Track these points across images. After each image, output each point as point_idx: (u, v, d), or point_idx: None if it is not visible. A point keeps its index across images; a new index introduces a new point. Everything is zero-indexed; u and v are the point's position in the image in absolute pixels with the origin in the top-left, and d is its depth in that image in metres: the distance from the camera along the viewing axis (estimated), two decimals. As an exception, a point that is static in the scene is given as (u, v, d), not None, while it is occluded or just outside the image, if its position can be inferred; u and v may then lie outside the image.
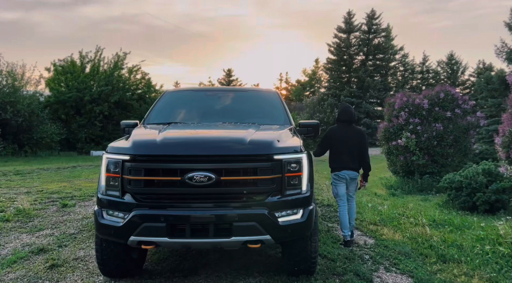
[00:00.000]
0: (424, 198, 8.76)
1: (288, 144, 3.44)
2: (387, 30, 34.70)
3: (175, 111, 4.63)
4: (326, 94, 34.42)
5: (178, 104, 4.80)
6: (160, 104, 4.72)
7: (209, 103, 4.79)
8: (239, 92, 5.03)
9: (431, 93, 10.24)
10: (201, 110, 4.67)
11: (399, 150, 10.13)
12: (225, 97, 4.88)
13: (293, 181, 3.34)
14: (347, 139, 4.99)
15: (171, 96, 4.96)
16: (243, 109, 4.72)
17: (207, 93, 4.96)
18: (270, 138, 3.43)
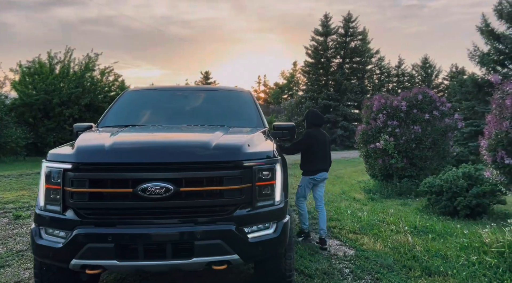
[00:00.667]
0: (403, 203, 8.54)
1: (259, 149, 3.04)
2: (363, 33, 34.98)
3: (134, 113, 4.15)
4: (304, 97, 34.34)
5: (139, 104, 4.32)
6: (118, 104, 4.24)
7: (174, 103, 4.34)
8: (208, 92, 4.60)
9: (409, 95, 10.09)
10: (164, 111, 4.22)
11: (377, 153, 9.91)
12: (192, 97, 4.44)
13: (265, 191, 2.94)
14: (323, 142, 5.27)
15: (132, 96, 4.47)
16: (212, 109, 4.30)
17: (172, 93, 4.51)
18: (239, 142, 3.01)
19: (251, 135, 3.31)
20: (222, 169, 2.77)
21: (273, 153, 3.03)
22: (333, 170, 15.83)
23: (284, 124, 4.22)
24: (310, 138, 5.28)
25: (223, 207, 2.78)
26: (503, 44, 18.83)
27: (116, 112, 4.12)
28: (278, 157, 3.05)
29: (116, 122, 3.88)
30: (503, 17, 19.24)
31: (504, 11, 19.13)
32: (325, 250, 4.85)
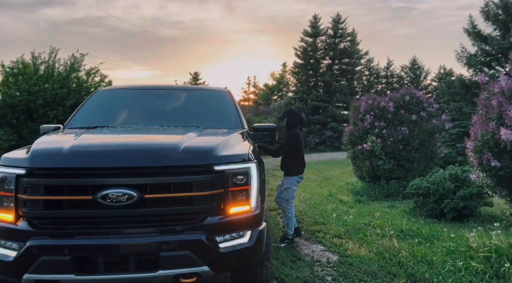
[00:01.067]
0: (390, 205, 8.42)
1: (233, 151, 2.85)
2: (352, 34, 35.01)
3: (105, 113, 3.93)
4: (294, 98, 34.23)
5: (111, 104, 4.09)
6: (88, 104, 4.00)
7: (148, 103, 4.12)
8: (184, 91, 4.39)
9: (396, 96, 9.99)
10: (136, 112, 4.00)
11: (364, 155, 9.79)
12: (168, 97, 4.23)
13: (239, 197, 2.75)
14: (304, 141, 5.43)
15: (104, 96, 4.25)
16: (187, 110, 4.10)
17: (147, 92, 4.29)
18: (210, 144, 2.82)
19: (226, 137, 3.12)
20: (191, 174, 2.58)
21: (248, 155, 2.85)
22: (321, 172, 15.73)
23: (265, 125, 4.04)
24: (298, 138, 5.27)
25: (192, 215, 2.59)
26: (490, 46, 18.94)
27: (85, 112, 3.89)
28: (254, 160, 2.87)
29: (85, 123, 3.65)
30: (489, 18, 19.36)
31: (490, 12, 19.25)
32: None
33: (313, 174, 14.72)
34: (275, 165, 16.22)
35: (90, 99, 4.10)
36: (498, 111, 4.11)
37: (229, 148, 2.88)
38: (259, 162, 3.14)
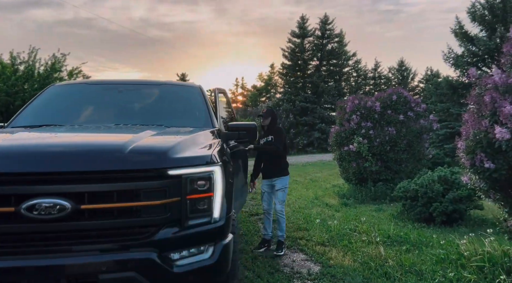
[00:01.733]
0: (378, 208, 8.10)
1: (193, 153, 2.45)
2: (340, 35, 34.91)
3: (56, 110, 3.49)
4: (281, 99, 33.94)
5: (64, 101, 3.65)
6: (38, 101, 3.56)
7: (106, 100, 3.70)
8: (149, 86, 3.97)
9: (383, 96, 9.71)
10: (92, 109, 3.58)
11: (351, 156, 9.47)
12: (130, 92, 3.81)
13: (200, 206, 2.36)
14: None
15: (58, 91, 3.80)
16: (151, 106, 3.70)
17: (107, 87, 3.87)
18: (166, 144, 2.42)
19: (187, 136, 2.72)
20: (138, 180, 2.17)
21: (211, 157, 2.45)
22: (308, 174, 15.39)
23: (242, 124, 3.63)
24: (284, 135, 5.08)
25: (140, 228, 2.18)
26: (477, 47, 18.88)
27: (34, 109, 3.45)
28: (219, 163, 2.47)
29: (31, 122, 3.21)
30: (476, 19, 19.33)
31: (477, 13, 19.22)
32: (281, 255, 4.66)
33: (299, 176, 14.38)
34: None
35: (42, 94, 3.66)
36: (491, 108, 3.80)
37: (189, 149, 2.48)
38: (227, 165, 2.75)
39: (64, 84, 4.01)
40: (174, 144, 2.41)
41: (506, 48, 4.07)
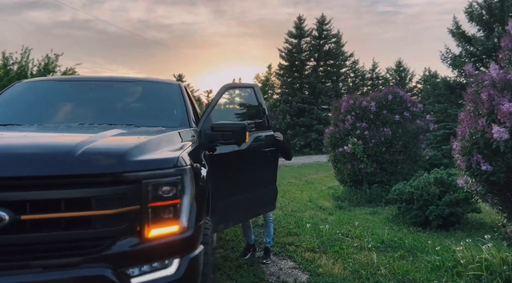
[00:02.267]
0: (372, 211, 7.86)
1: (157, 155, 2.20)
2: (337, 36, 34.65)
3: (18, 109, 3.23)
4: (278, 100, 33.67)
5: (29, 99, 3.39)
6: (0, 99, 3.30)
7: (75, 98, 3.44)
8: (124, 83, 3.70)
9: (378, 95, 9.48)
10: (58, 108, 3.32)
11: (346, 157, 9.23)
12: (100, 90, 3.55)
13: (164, 215, 2.11)
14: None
15: (22, 88, 3.53)
16: (124, 105, 3.44)
17: (76, 84, 3.61)
18: (125, 145, 2.16)
19: (155, 137, 2.46)
20: (90, 186, 1.92)
21: (179, 160, 2.19)
22: (304, 176, 15.14)
23: (227, 123, 3.34)
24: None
25: (92, 241, 1.92)
26: (474, 47, 18.69)
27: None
28: (187, 166, 2.22)
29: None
30: (473, 19, 19.13)
31: (474, 13, 19.02)
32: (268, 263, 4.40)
33: (295, 178, 14.13)
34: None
35: (5, 92, 3.40)
36: (488, 106, 3.56)
37: (154, 150, 2.22)
38: (199, 169, 2.50)
39: (30, 81, 3.75)
40: (134, 145, 2.16)
41: (504, 42, 3.84)
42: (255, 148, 4.05)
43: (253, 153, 4.07)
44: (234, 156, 3.73)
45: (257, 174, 4.16)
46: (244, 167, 3.97)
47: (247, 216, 4.30)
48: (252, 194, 4.06)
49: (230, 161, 3.71)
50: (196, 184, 2.30)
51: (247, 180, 4.00)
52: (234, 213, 3.81)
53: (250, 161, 4.05)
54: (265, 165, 4.24)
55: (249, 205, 4.07)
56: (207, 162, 3.00)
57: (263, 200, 4.29)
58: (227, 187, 3.65)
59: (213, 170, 3.34)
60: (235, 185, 3.79)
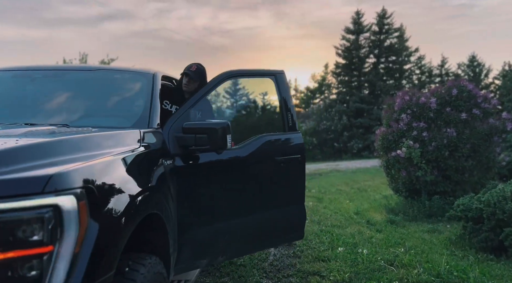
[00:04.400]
0: (431, 229, 6.53)
1: (19, 172, 1.41)
2: (400, 30, 32.23)
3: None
4: (335, 100, 32.10)
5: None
6: None
7: (12, 91, 2.85)
8: (78, 73, 3.00)
9: (440, 90, 8.06)
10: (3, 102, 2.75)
11: (400, 163, 7.91)
12: (46, 81, 2.91)
13: (21, 271, 1.33)
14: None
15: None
16: (64, 99, 2.77)
17: (17, 74, 2.98)
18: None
19: (44, 141, 1.71)
20: None
21: (52, 181, 1.38)
22: (356, 182, 13.75)
23: (200, 124, 2.53)
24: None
25: None
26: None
27: None
28: (73, 191, 1.41)
29: None
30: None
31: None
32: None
33: (346, 184, 12.85)
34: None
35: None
36: None
37: (18, 164, 1.44)
38: (115, 192, 1.67)
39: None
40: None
41: None
42: (264, 155, 3.16)
43: (259, 162, 3.17)
44: (227, 166, 2.88)
45: (267, 190, 3.25)
46: (245, 181, 3.09)
47: (254, 246, 3.36)
48: (259, 217, 3.17)
49: (221, 173, 2.86)
50: (100, 218, 1.49)
51: (250, 198, 3.11)
52: (227, 242, 2.95)
53: (254, 172, 3.15)
54: (281, 179, 3.33)
55: (254, 232, 3.17)
56: (165, 178, 2.19)
57: (281, 226, 3.36)
58: (216, 208, 2.82)
59: (193, 185, 2.53)
60: (229, 206, 2.94)
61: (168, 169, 2.27)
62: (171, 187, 2.27)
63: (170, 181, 2.27)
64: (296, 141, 3.34)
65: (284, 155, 3.24)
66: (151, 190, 1.97)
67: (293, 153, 3.30)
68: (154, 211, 1.95)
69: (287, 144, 3.34)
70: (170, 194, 2.24)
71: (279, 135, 3.37)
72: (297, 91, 48.59)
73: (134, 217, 1.73)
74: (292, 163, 3.27)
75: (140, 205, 1.80)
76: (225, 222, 2.86)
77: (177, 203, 2.37)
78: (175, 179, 2.37)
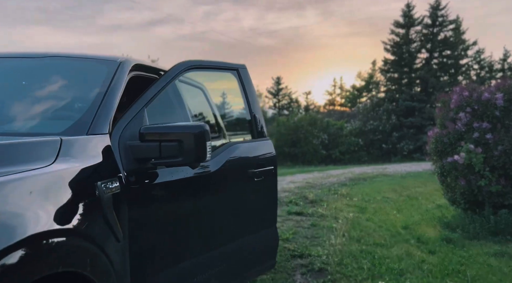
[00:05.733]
0: (499, 251, 5.39)
1: None
2: (456, 22, 29.71)
3: None
4: (383, 98, 30.26)
5: None
6: None
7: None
8: (20, 61, 2.37)
9: (508, 84, 6.79)
10: None
11: (458, 170, 6.77)
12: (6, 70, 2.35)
13: None
14: None
15: None
16: (11, 92, 2.20)
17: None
18: None
19: None
20: None
21: None
22: (406, 188, 12.40)
23: (170, 128, 1.84)
24: None
25: None
26: None
27: None
28: None
29: None
30: None
31: None
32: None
33: (394, 191, 11.59)
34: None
35: None
36: None
37: None
38: None
39: None
40: None
41: None
42: (236, 169, 2.57)
43: (231, 177, 2.56)
44: (193, 184, 2.21)
45: (239, 213, 2.64)
46: (215, 203, 2.43)
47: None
48: (230, 249, 2.52)
49: (184, 195, 2.19)
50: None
51: (221, 225, 2.47)
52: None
53: (225, 191, 2.53)
54: (254, 197, 2.77)
55: (224, 269, 2.46)
56: (103, 210, 1.49)
57: (253, 257, 2.74)
58: (181, 243, 2.12)
59: (151, 215, 1.83)
60: (197, 238, 2.24)
61: (110, 195, 1.58)
62: (114, 223, 1.57)
63: (113, 213, 1.58)
64: (268, 150, 2.84)
65: (257, 167, 2.68)
66: (65, 235, 1.27)
67: (266, 165, 2.77)
68: (69, 269, 1.26)
69: (260, 153, 2.81)
70: (113, 234, 1.55)
71: (250, 142, 2.80)
72: (342, 90, 46.94)
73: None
74: (266, 177, 2.74)
75: (31, 265, 1.11)
76: (192, 260, 2.20)
77: (129, 243, 1.67)
78: (125, 208, 1.68)
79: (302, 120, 25.59)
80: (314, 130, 25.29)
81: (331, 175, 15.35)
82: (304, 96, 46.68)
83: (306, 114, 28.93)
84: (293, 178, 14.38)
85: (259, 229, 2.80)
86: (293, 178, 14.16)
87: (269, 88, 43.00)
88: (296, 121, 25.47)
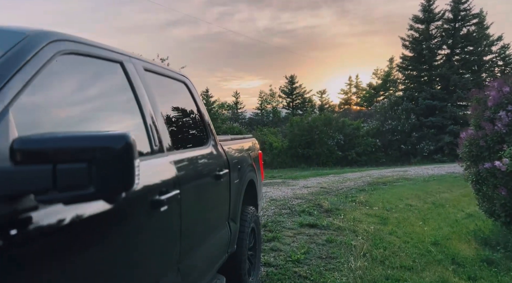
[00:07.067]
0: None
1: None
2: (479, 16, 28.27)
3: None
4: (401, 97, 29.02)
5: None
6: None
7: None
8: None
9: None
10: None
11: (497, 178, 5.84)
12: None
13: None
14: None
15: None
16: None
17: None
18: None
19: None
20: None
21: None
22: (430, 194, 11.40)
23: (73, 138, 1.06)
24: None
25: None
26: None
27: None
28: None
29: None
30: None
31: None
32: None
33: (417, 198, 10.60)
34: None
35: None
36: None
37: None
38: None
39: None
40: None
41: None
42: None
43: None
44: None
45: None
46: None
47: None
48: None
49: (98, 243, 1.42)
50: None
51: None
52: None
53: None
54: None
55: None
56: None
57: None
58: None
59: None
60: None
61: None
62: None
63: None
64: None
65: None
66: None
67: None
68: None
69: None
70: None
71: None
72: (358, 88, 45.65)
73: None
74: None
75: None
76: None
77: None
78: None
79: (317, 120, 24.64)
80: (329, 131, 24.34)
81: (348, 179, 14.41)
82: (319, 95, 45.64)
83: (321, 114, 27.92)
84: (306, 182, 13.52)
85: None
86: (306, 182, 13.31)
87: (282, 87, 42.17)
88: (310, 121, 24.55)
